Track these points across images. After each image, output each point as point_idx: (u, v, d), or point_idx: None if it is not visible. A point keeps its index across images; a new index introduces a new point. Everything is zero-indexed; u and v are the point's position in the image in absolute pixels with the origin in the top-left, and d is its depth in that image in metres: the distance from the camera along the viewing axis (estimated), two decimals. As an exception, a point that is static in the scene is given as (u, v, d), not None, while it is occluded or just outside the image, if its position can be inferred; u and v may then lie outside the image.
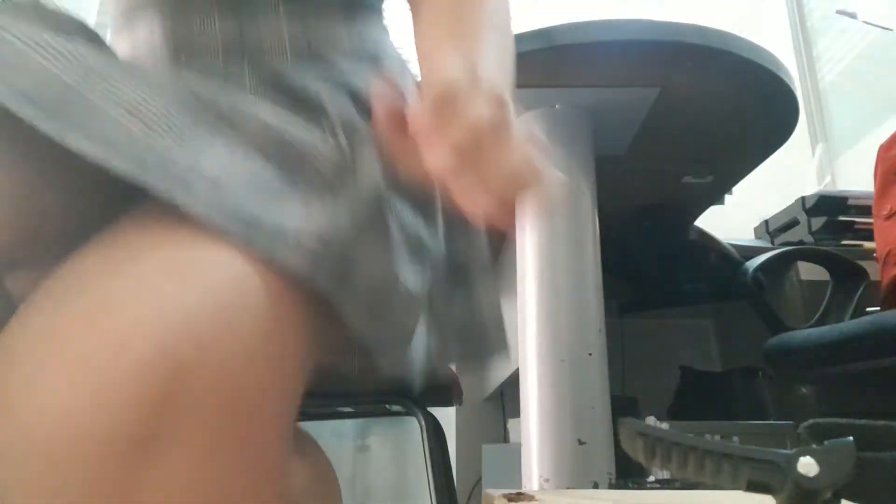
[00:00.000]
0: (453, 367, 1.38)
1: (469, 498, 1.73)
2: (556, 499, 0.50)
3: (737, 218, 1.63)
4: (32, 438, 0.28)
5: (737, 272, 1.25)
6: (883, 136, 1.12)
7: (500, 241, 1.50)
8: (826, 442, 0.30)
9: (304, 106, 0.47)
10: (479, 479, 1.66)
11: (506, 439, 1.75)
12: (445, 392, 1.28)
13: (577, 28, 0.82)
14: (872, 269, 1.14)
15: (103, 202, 0.42)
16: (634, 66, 0.86)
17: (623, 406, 1.26)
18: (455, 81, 0.38)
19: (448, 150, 0.35)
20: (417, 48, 0.48)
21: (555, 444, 0.77)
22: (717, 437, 1.07)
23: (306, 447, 0.71)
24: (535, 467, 0.77)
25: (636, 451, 0.31)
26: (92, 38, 0.47)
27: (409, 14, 0.55)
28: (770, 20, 2.74)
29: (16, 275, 0.42)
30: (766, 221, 1.85)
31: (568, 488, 0.75)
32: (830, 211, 1.64)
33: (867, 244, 1.57)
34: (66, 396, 0.28)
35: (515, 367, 1.17)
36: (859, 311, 1.16)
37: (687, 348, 1.79)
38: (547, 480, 0.76)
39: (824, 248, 1.50)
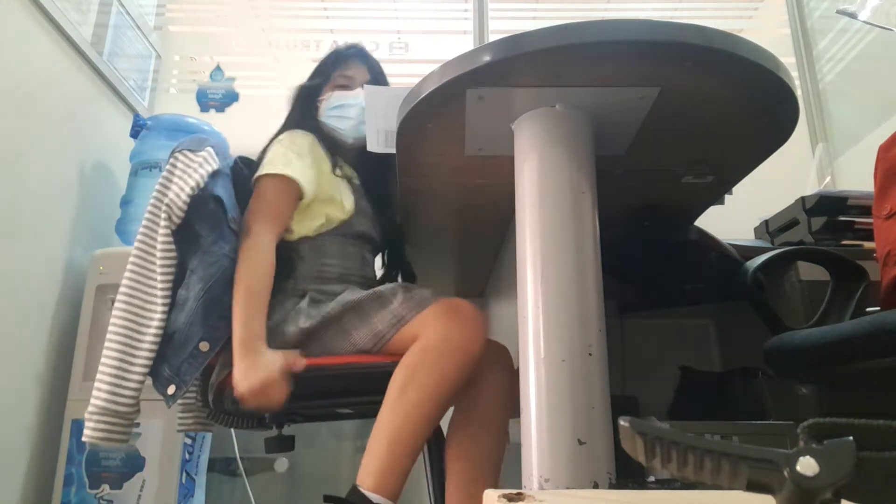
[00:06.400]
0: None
1: (469, 498, 1.72)
2: (555, 499, 0.50)
3: (737, 218, 1.63)
4: None
5: (737, 272, 1.25)
6: (883, 136, 1.12)
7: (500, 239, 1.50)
8: (826, 442, 0.30)
9: None
10: (479, 479, 1.65)
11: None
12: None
13: (577, 28, 0.82)
14: (872, 269, 1.14)
15: None
16: (634, 66, 0.86)
17: (623, 406, 1.26)
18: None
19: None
20: None
21: (554, 444, 0.77)
22: (717, 437, 1.07)
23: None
24: (534, 467, 0.77)
25: (636, 451, 0.31)
26: None
27: None
28: (770, 20, 2.74)
29: None
30: (766, 221, 1.85)
31: (568, 488, 0.75)
32: (830, 211, 1.64)
33: (867, 244, 1.57)
34: None
35: (515, 367, 1.17)
36: (859, 311, 1.16)
37: (687, 348, 1.79)
38: (547, 480, 0.76)
39: (824, 248, 1.50)
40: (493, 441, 1.12)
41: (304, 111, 1.41)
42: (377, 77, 1.43)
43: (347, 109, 1.38)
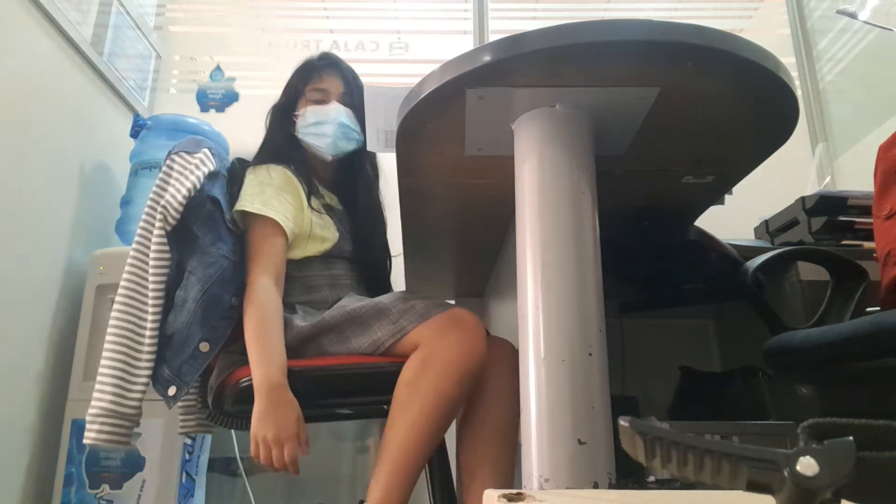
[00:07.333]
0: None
1: (469, 498, 1.72)
2: (555, 499, 0.50)
3: (737, 218, 1.63)
4: None
5: (737, 272, 1.25)
6: (883, 136, 1.12)
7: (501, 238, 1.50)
8: (826, 442, 0.30)
9: None
10: (479, 480, 1.65)
11: (506, 439, 1.74)
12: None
13: (577, 28, 0.82)
14: (872, 269, 1.14)
15: None
16: (634, 66, 0.85)
17: (623, 406, 1.26)
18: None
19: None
20: None
21: (554, 444, 0.77)
22: (717, 437, 1.07)
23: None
24: (534, 467, 0.77)
25: (636, 451, 0.31)
26: None
27: None
28: (770, 20, 2.74)
29: None
30: (766, 221, 1.85)
31: (568, 488, 0.75)
32: (830, 211, 1.64)
33: (867, 244, 1.57)
34: None
35: (515, 367, 1.17)
36: (859, 311, 1.16)
37: (687, 348, 1.79)
38: (547, 480, 0.76)
39: (824, 248, 1.49)
40: (504, 441, 1.12)
41: (281, 132, 1.38)
42: (351, 85, 1.39)
43: (324, 126, 1.35)
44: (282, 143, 1.37)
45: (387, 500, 1.00)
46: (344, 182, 1.43)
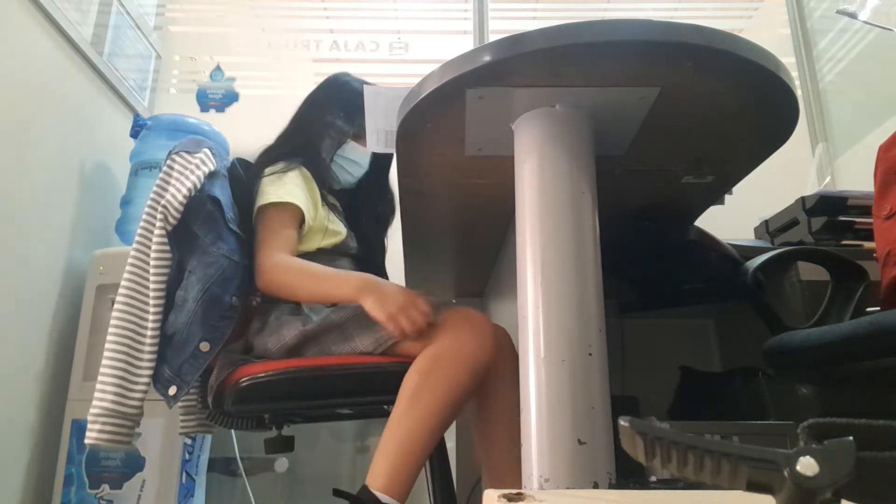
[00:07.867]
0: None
1: (469, 498, 1.73)
2: (555, 499, 0.50)
3: (737, 218, 1.63)
4: None
5: (737, 272, 1.25)
6: (883, 136, 1.12)
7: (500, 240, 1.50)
8: (826, 442, 0.30)
9: None
10: (479, 479, 1.66)
11: (506, 439, 1.74)
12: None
13: (577, 28, 0.82)
14: (872, 269, 1.14)
15: None
16: (634, 66, 0.85)
17: (623, 406, 1.26)
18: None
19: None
20: None
21: (554, 444, 0.77)
22: (717, 437, 1.07)
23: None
24: (534, 467, 0.77)
25: (636, 451, 0.31)
26: None
27: None
28: (770, 20, 2.74)
29: None
30: (766, 221, 1.85)
31: (568, 488, 0.75)
32: (830, 211, 1.64)
33: (867, 244, 1.57)
34: None
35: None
36: (859, 311, 1.16)
37: (687, 348, 1.79)
38: (547, 480, 0.76)
39: (824, 248, 1.50)
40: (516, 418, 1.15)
41: (319, 133, 1.37)
42: None
43: (356, 168, 1.41)
44: (307, 146, 1.36)
45: (392, 487, 1.00)
46: (349, 206, 1.46)
